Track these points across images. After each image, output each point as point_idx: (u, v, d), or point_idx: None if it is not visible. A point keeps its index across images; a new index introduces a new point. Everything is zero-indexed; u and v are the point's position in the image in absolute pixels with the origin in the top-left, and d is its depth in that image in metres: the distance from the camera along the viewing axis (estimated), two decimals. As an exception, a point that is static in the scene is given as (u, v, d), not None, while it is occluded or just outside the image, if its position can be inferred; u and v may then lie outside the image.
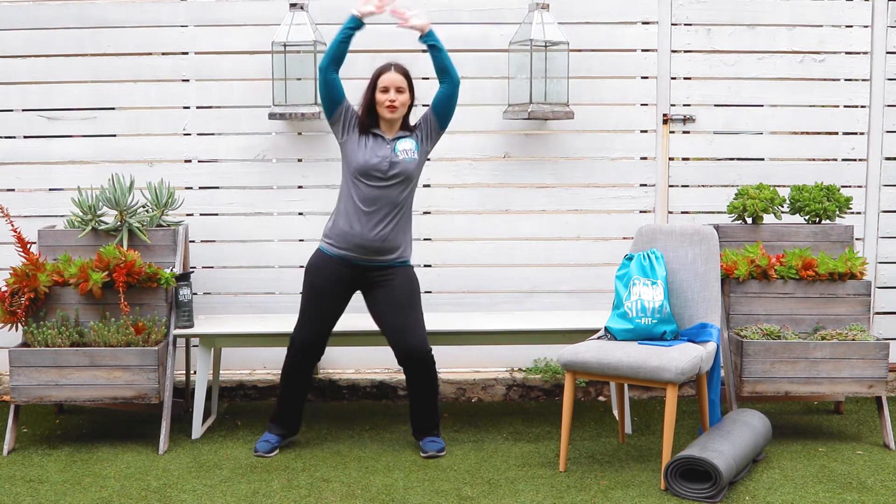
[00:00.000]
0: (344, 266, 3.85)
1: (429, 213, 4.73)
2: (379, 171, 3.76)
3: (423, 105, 4.04)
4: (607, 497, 3.43)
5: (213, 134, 4.70)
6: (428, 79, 4.26)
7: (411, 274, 3.93)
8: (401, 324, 3.84)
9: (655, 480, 3.58)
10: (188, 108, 4.68)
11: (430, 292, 4.64)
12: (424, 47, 3.82)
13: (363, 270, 3.86)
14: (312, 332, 3.88)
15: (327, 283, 3.86)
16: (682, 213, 4.77)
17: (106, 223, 4.24)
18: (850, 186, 4.73)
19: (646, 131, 4.73)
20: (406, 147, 3.82)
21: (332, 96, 3.82)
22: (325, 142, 4.69)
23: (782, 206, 4.34)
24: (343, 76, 4.59)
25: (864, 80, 4.70)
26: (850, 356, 3.93)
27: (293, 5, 4.47)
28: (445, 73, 3.81)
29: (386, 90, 3.78)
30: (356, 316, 4.42)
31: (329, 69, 3.79)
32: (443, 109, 3.85)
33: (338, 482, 3.60)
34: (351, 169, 3.81)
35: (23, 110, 4.68)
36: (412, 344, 3.81)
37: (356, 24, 3.79)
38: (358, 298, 3.95)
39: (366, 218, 3.78)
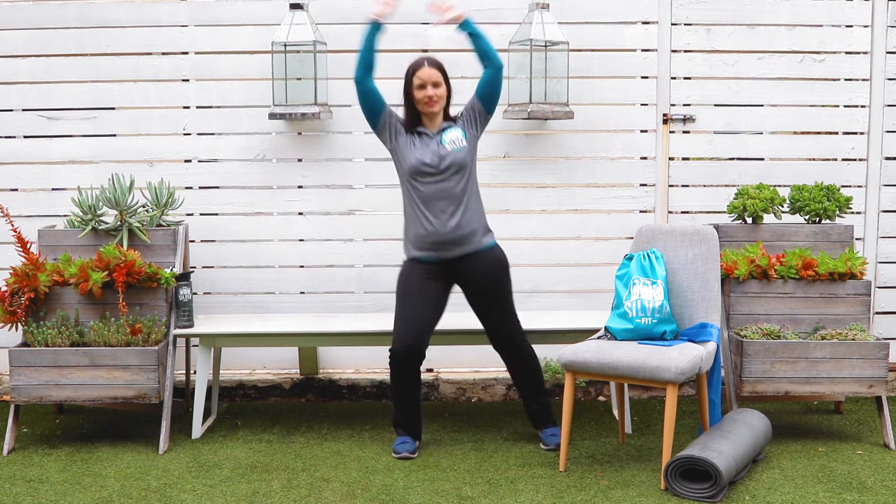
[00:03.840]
0: (431, 266, 3.85)
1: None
2: (431, 167, 3.78)
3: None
4: (607, 497, 3.43)
5: (213, 134, 4.70)
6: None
7: (499, 257, 3.91)
8: (489, 316, 3.89)
9: (655, 480, 3.58)
10: (188, 108, 4.68)
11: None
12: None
13: (451, 264, 3.85)
14: (407, 336, 3.80)
15: (418, 284, 3.85)
16: (682, 213, 4.77)
17: (106, 223, 4.24)
18: (850, 186, 4.73)
19: (646, 131, 4.73)
20: (453, 137, 3.83)
21: (372, 106, 3.84)
22: (325, 142, 4.69)
23: (782, 206, 4.34)
24: (341, 75, 4.63)
25: (864, 80, 4.70)
26: (850, 356, 3.93)
27: (293, 5, 4.47)
28: (487, 57, 3.84)
29: (423, 86, 3.79)
30: (356, 316, 4.43)
31: (364, 80, 3.82)
32: (487, 93, 3.87)
33: (338, 482, 3.60)
34: (405, 171, 3.83)
35: (23, 110, 4.68)
36: (504, 334, 3.89)
37: (377, 28, 3.84)
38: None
39: (433, 216, 3.78)
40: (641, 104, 4.71)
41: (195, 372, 4.29)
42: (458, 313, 4.11)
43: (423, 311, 3.83)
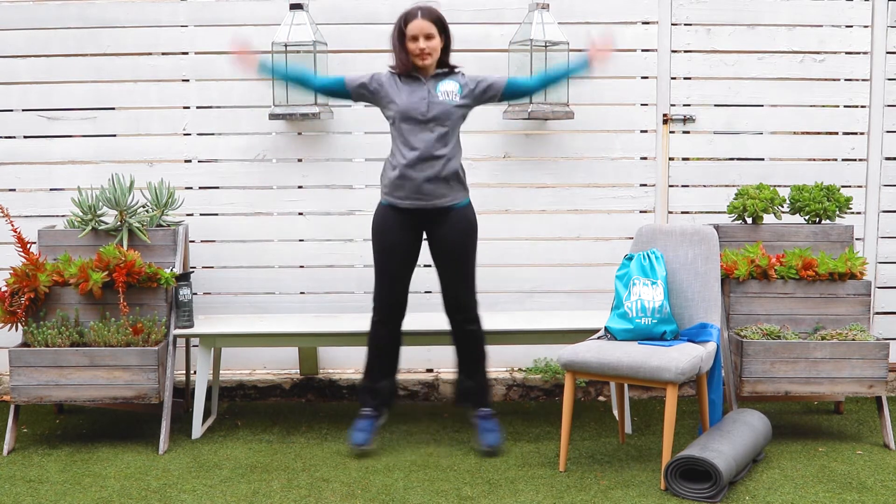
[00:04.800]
0: (405, 215, 3.82)
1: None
2: (417, 113, 3.72)
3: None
4: (607, 497, 3.43)
5: (213, 134, 4.70)
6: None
7: (470, 217, 3.88)
8: (448, 275, 3.86)
9: (655, 480, 3.58)
10: (188, 108, 4.68)
11: (430, 292, 4.64)
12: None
13: (424, 216, 3.82)
14: (394, 290, 3.85)
15: (394, 235, 3.83)
16: (682, 213, 4.77)
17: (106, 223, 4.24)
18: (850, 186, 4.73)
19: (646, 131, 4.73)
20: (448, 88, 3.78)
21: (337, 90, 3.88)
22: (325, 142, 4.69)
23: (782, 206, 4.34)
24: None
25: (864, 80, 4.70)
26: (850, 356, 3.93)
27: (293, 5, 4.47)
28: (546, 81, 3.94)
29: (415, 38, 3.72)
30: (356, 316, 4.43)
31: (315, 86, 3.93)
32: (514, 93, 3.88)
33: (338, 482, 3.60)
34: (391, 114, 3.78)
35: (23, 110, 4.68)
36: (453, 294, 3.86)
37: (263, 66, 3.93)
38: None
39: (412, 162, 3.73)
40: (641, 104, 4.71)
41: (195, 372, 4.29)
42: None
43: (404, 267, 3.86)
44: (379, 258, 3.88)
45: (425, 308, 4.53)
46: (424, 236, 3.93)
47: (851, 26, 4.69)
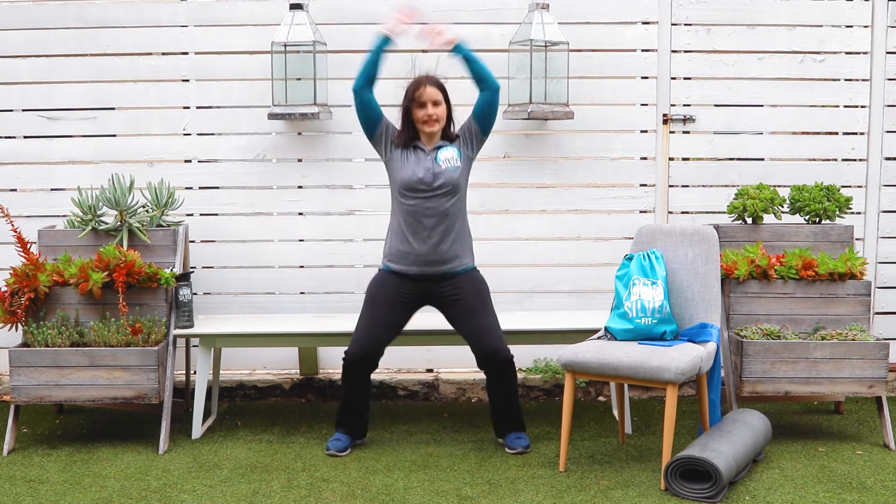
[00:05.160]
0: (408, 282, 3.85)
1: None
2: (424, 184, 3.78)
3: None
4: (607, 497, 3.43)
5: (213, 134, 4.70)
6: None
7: (477, 277, 3.93)
8: (476, 329, 3.82)
9: (655, 480, 3.58)
10: (188, 108, 4.68)
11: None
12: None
13: (428, 284, 3.85)
14: (363, 345, 3.81)
15: (389, 295, 3.86)
16: (682, 213, 4.77)
17: (106, 223, 4.24)
18: (850, 186, 4.73)
19: (646, 131, 4.73)
20: (448, 156, 3.83)
21: (370, 117, 3.85)
22: (325, 142, 4.69)
23: (782, 206, 4.34)
24: (340, 75, 4.63)
25: (864, 80, 4.70)
26: (850, 356, 3.93)
27: (293, 5, 4.47)
28: (483, 81, 3.85)
29: (423, 105, 3.79)
30: (356, 316, 4.42)
31: (363, 91, 3.83)
32: (483, 116, 3.87)
33: (338, 482, 3.60)
34: (397, 185, 3.83)
35: (23, 110, 4.68)
36: (490, 346, 3.80)
37: (386, 42, 3.84)
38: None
39: (419, 232, 3.79)
40: (641, 104, 4.71)
41: (195, 372, 4.29)
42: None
43: (388, 322, 3.85)
44: (367, 308, 3.88)
45: (425, 308, 4.52)
46: (421, 310, 3.96)
47: (851, 26, 4.69)
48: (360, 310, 3.91)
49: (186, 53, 4.66)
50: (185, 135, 4.69)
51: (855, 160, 4.75)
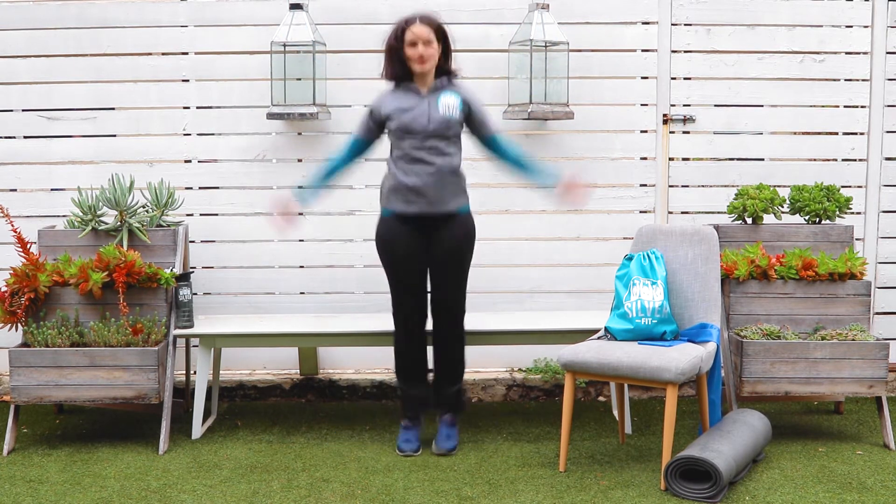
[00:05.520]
0: (408, 221, 3.82)
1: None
2: (419, 126, 3.73)
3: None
4: (607, 497, 3.43)
5: (213, 134, 4.70)
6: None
7: (469, 224, 3.90)
8: (438, 279, 3.85)
9: (655, 480, 3.58)
10: (188, 108, 4.68)
11: (429, 293, 4.63)
12: None
13: (426, 223, 3.83)
14: (411, 297, 3.84)
15: (401, 244, 3.84)
16: (682, 213, 4.77)
17: (106, 223, 4.24)
18: (850, 186, 4.73)
19: (646, 131, 4.73)
20: (449, 102, 3.77)
21: (363, 147, 3.91)
22: (324, 142, 4.69)
23: (782, 206, 4.34)
24: (340, 76, 4.64)
25: (864, 80, 4.70)
26: (850, 356, 3.93)
27: (293, 5, 4.47)
28: (517, 165, 3.90)
29: (413, 44, 3.71)
30: (356, 316, 4.43)
31: (342, 163, 3.91)
32: (488, 147, 3.90)
33: (338, 482, 3.60)
34: (392, 129, 3.78)
35: (23, 110, 4.68)
36: (442, 297, 3.83)
37: (302, 195, 4.00)
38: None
39: (413, 175, 3.75)
40: (641, 104, 4.71)
41: (195, 372, 4.29)
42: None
43: (417, 274, 3.86)
44: (390, 269, 3.89)
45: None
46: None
47: (851, 26, 4.69)
48: (385, 270, 3.90)
49: (186, 53, 4.66)
50: (185, 135, 4.69)
51: (855, 160, 4.75)
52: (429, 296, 3.92)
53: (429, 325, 3.94)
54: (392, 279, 3.89)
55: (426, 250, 3.86)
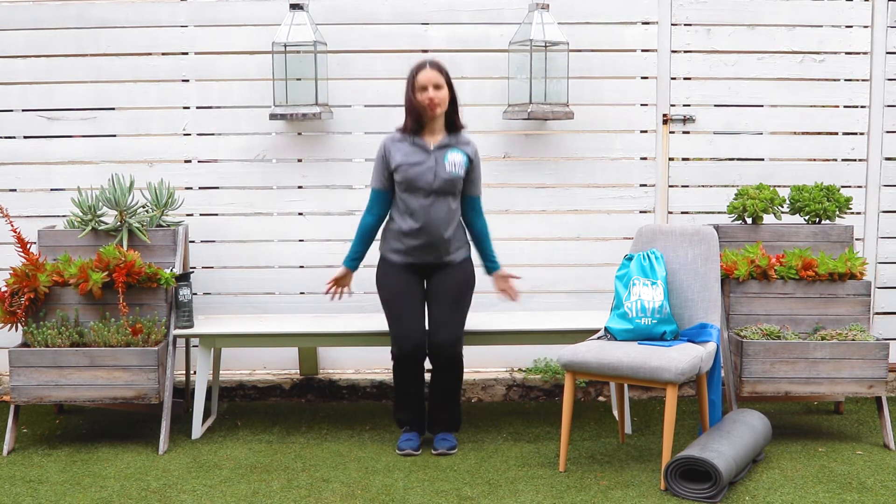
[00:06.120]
0: (408, 267, 3.90)
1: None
2: (424, 183, 3.80)
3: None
4: (607, 497, 3.43)
5: (213, 134, 4.70)
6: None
7: (469, 269, 3.95)
8: (439, 318, 3.86)
9: (655, 480, 3.58)
10: (188, 108, 4.68)
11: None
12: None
13: (424, 267, 3.90)
14: (410, 329, 3.84)
15: (399, 280, 3.89)
16: (682, 213, 4.77)
17: (106, 223, 4.24)
18: (850, 186, 4.73)
19: (646, 131, 4.73)
20: (456, 160, 3.84)
21: (386, 198, 3.92)
22: (325, 142, 4.69)
23: (782, 207, 4.34)
24: (343, 76, 4.64)
25: (864, 80, 4.70)
26: (850, 356, 3.93)
27: (293, 5, 4.47)
28: (476, 240, 4.04)
29: (424, 89, 3.78)
30: (356, 316, 4.43)
31: (374, 222, 3.96)
32: (464, 208, 3.97)
33: (338, 482, 3.60)
34: (398, 181, 3.84)
35: (23, 110, 4.68)
36: (442, 339, 3.82)
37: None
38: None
39: (415, 231, 3.82)
40: (641, 104, 4.71)
41: (195, 372, 4.29)
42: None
43: (417, 309, 3.87)
44: (388, 303, 3.91)
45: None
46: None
47: (851, 26, 4.68)
48: (384, 307, 3.92)
49: (186, 53, 4.66)
50: (185, 135, 4.69)
51: (855, 160, 4.75)
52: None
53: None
54: (388, 312, 3.91)
55: (422, 284, 3.94)
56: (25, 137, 4.69)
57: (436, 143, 3.85)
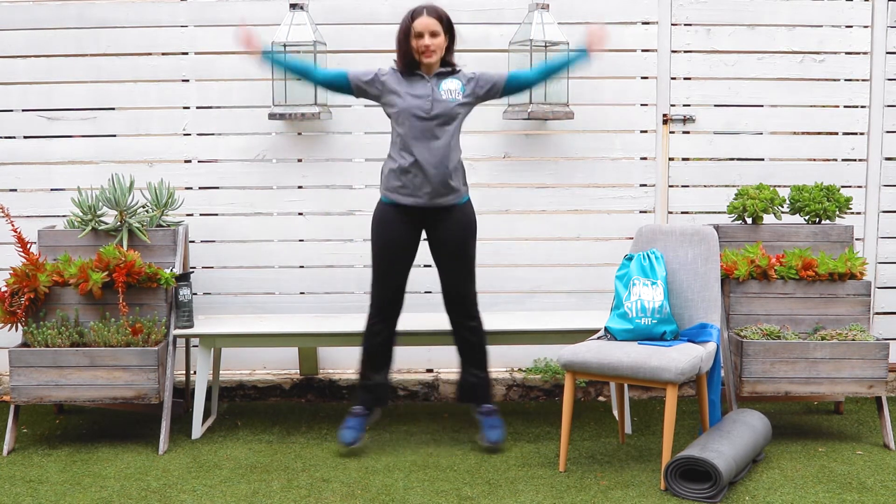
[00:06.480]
0: (404, 211, 3.84)
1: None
2: (421, 111, 3.75)
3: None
4: (607, 497, 3.43)
5: (213, 134, 4.70)
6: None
7: (469, 213, 3.92)
8: (449, 272, 3.88)
9: (655, 480, 3.58)
10: (188, 108, 4.68)
11: (430, 292, 4.64)
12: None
13: (425, 214, 3.85)
14: (391, 288, 3.86)
15: (393, 231, 3.86)
16: (682, 213, 4.77)
17: (106, 223, 4.24)
18: (850, 186, 4.73)
19: (646, 131, 4.73)
20: (451, 87, 3.81)
21: (339, 85, 3.88)
22: (325, 142, 4.69)
23: (782, 207, 4.34)
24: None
25: (864, 80, 4.70)
26: (850, 356, 3.93)
27: (293, 5, 4.47)
28: (544, 72, 3.92)
29: (420, 35, 3.75)
30: (356, 316, 4.42)
31: (316, 79, 3.90)
32: (514, 86, 3.91)
33: (338, 482, 3.60)
34: (393, 113, 3.80)
35: (23, 110, 4.68)
36: (457, 291, 3.87)
37: (267, 56, 3.94)
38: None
39: (413, 161, 3.76)
40: (641, 104, 4.71)
41: (195, 372, 4.29)
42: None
43: (402, 265, 3.88)
44: (377, 255, 3.89)
45: (425, 308, 4.53)
46: (423, 236, 3.94)
47: (851, 26, 4.69)
48: (372, 252, 3.90)
49: (186, 53, 4.66)
50: (185, 135, 4.69)
51: (855, 160, 4.75)
52: (407, 292, 3.95)
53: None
54: (375, 264, 3.90)
55: (416, 242, 3.90)
56: (25, 137, 4.69)
57: (431, 74, 3.82)
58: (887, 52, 4.68)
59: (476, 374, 3.99)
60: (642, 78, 4.70)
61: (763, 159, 4.76)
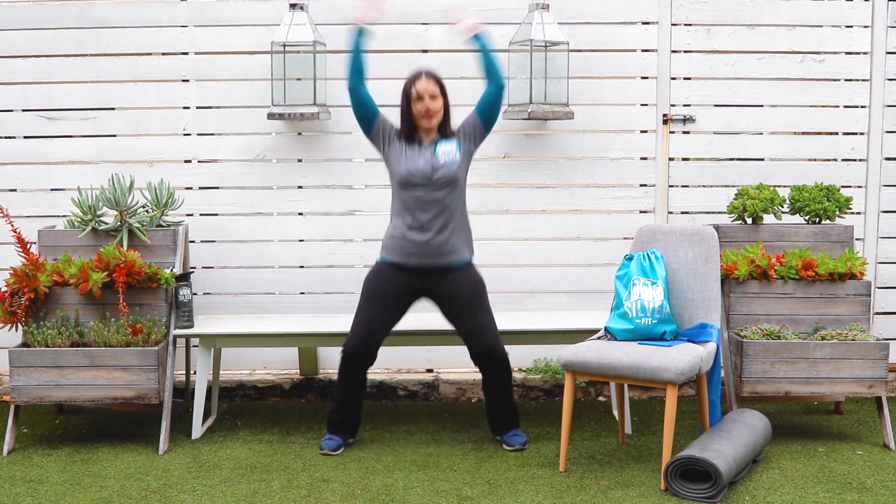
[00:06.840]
0: (406, 275, 3.87)
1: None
2: (423, 177, 3.79)
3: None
4: (607, 497, 3.43)
5: (213, 134, 4.70)
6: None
7: (474, 274, 3.94)
8: (472, 326, 3.84)
9: (655, 480, 3.58)
10: (188, 108, 4.68)
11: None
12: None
13: (424, 277, 3.87)
14: (361, 340, 3.84)
15: (385, 288, 3.87)
16: (682, 213, 4.77)
17: (106, 223, 4.24)
18: (850, 186, 4.73)
19: (646, 131, 4.73)
20: (446, 149, 3.84)
21: (366, 114, 3.86)
22: (325, 142, 4.69)
23: (782, 207, 4.34)
24: (340, 76, 4.62)
25: (864, 80, 4.70)
26: (850, 356, 3.92)
27: (293, 5, 4.47)
28: (491, 75, 3.87)
29: (420, 98, 3.80)
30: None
31: (358, 87, 3.84)
32: (486, 110, 3.89)
33: (338, 482, 3.60)
34: (396, 179, 3.85)
35: (23, 110, 4.69)
36: (485, 345, 3.82)
37: (361, 34, 3.84)
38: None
39: (417, 224, 3.80)
40: (641, 104, 4.71)
41: (195, 372, 4.29)
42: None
43: (385, 317, 3.87)
44: (360, 302, 3.90)
45: (425, 308, 4.52)
46: (415, 305, 3.97)
47: (851, 26, 4.69)
48: (358, 303, 3.91)
49: (186, 53, 4.66)
50: (185, 135, 4.69)
51: (855, 160, 4.75)
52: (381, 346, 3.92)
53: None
54: (358, 312, 3.89)
55: (406, 304, 3.91)
56: (25, 137, 4.69)
57: (430, 139, 3.87)
58: (887, 52, 4.69)
59: (506, 407, 3.98)
60: (642, 78, 4.70)
61: (763, 159, 4.76)
